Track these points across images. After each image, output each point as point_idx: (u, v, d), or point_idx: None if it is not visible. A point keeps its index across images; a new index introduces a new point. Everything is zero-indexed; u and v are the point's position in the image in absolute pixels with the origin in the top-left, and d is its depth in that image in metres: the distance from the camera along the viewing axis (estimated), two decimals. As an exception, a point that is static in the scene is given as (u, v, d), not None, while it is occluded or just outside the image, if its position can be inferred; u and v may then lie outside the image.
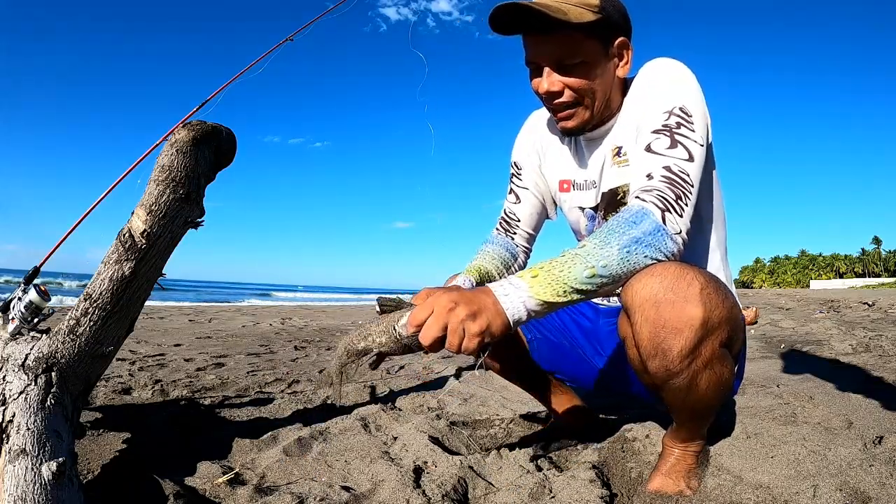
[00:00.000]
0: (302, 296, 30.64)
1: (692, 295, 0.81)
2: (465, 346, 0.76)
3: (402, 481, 1.04)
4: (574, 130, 1.06)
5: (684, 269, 0.83)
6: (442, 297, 0.78)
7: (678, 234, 0.83)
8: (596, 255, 0.79)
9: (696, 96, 0.95)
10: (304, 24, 1.72)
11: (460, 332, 0.76)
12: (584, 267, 0.78)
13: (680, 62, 1.00)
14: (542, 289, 0.78)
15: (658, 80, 0.99)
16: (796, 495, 0.98)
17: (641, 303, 0.83)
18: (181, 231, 1.13)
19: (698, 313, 0.81)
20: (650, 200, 0.84)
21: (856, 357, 2.49)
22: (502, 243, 1.27)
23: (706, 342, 0.83)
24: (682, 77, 0.97)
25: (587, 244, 0.81)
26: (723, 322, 0.84)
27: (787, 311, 6.04)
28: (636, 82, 1.04)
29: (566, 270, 0.78)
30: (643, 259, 0.81)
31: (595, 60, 0.98)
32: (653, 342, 0.84)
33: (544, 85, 1.00)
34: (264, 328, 5.20)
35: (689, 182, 0.87)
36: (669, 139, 0.91)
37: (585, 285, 0.78)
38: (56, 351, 1.05)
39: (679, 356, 0.83)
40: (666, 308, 0.81)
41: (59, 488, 0.79)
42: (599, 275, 0.79)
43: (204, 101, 1.50)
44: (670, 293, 0.81)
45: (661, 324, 0.82)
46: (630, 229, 0.81)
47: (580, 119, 1.04)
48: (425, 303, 0.78)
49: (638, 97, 1.02)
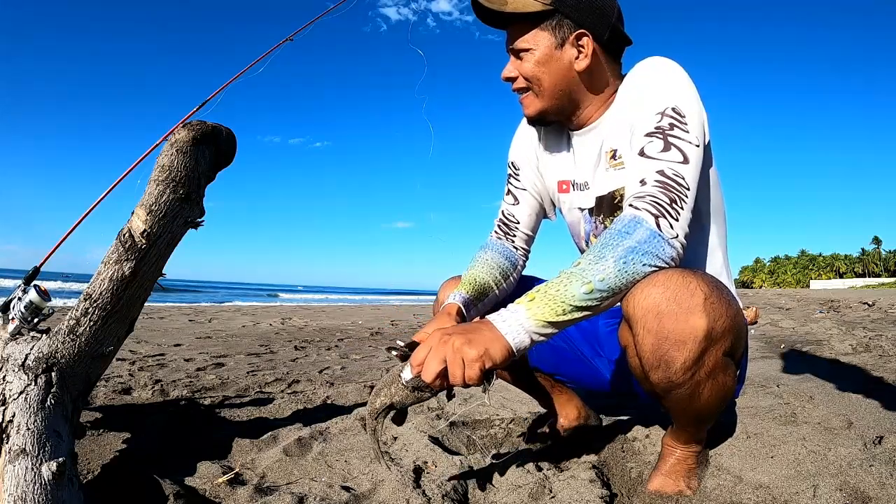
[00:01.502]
0: (307, 297, 30.58)
1: (695, 305, 0.79)
2: (468, 374, 0.76)
3: (402, 481, 1.03)
4: (533, 119, 1.09)
5: (687, 278, 0.81)
6: (437, 332, 0.80)
7: (675, 238, 0.82)
8: (592, 271, 0.78)
9: (689, 95, 0.93)
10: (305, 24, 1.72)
11: (459, 361, 0.76)
12: (581, 283, 0.77)
13: (672, 60, 0.98)
14: (540, 310, 0.77)
15: (649, 80, 0.97)
16: (796, 495, 0.98)
17: (644, 314, 0.81)
18: (181, 231, 1.13)
19: (702, 324, 0.79)
20: (643, 207, 0.83)
21: (856, 357, 2.49)
22: (500, 250, 1.22)
23: (709, 353, 0.82)
24: (673, 76, 0.95)
25: (582, 261, 0.80)
26: (726, 332, 0.82)
27: (787, 311, 6.04)
28: (626, 82, 1.03)
29: (563, 289, 0.77)
30: (642, 268, 0.80)
31: (541, 49, 1.01)
32: (655, 354, 0.82)
33: (503, 72, 1.06)
34: (264, 328, 5.20)
35: (684, 185, 0.86)
36: (663, 142, 0.89)
37: (585, 301, 0.77)
38: (56, 351, 1.05)
39: (682, 368, 0.82)
40: (669, 319, 0.79)
41: (59, 488, 0.79)
42: (598, 289, 0.78)
43: (204, 101, 1.50)
44: (673, 304, 0.79)
45: (663, 335, 0.80)
46: (623, 240, 0.80)
47: (534, 107, 1.06)
48: (423, 342, 0.80)
49: (629, 98, 1.01)
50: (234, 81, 1.56)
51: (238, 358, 3.07)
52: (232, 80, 1.56)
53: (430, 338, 0.80)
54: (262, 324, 5.69)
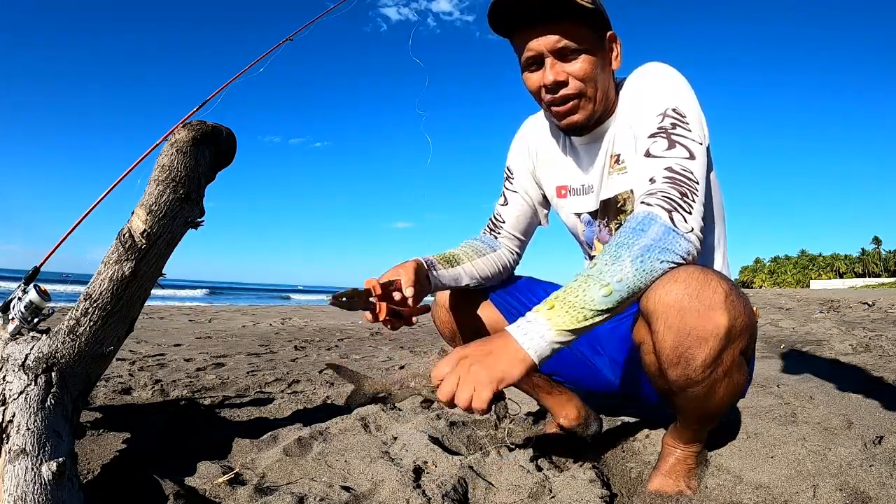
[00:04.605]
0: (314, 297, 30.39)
1: (717, 302, 0.78)
2: (476, 402, 0.74)
3: (402, 481, 1.03)
4: (580, 124, 1.03)
5: (708, 275, 0.80)
6: (457, 351, 0.78)
7: (690, 231, 0.81)
8: (609, 272, 0.76)
9: (688, 97, 0.94)
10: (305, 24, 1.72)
11: (469, 387, 0.74)
12: (600, 286, 0.75)
13: (670, 66, 0.99)
14: (561, 319, 0.74)
15: (648, 84, 0.99)
16: (796, 495, 0.98)
17: (665, 309, 0.80)
18: (181, 231, 1.13)
19: (724, 322, 0.78)
20: (655, 203, 0.82)
21: (856, 357, 2.49)
22: (480, 238, 1.27)
23: (728, 351, 0.81)
24: (670, 79, 0.97)
25: (598, 262, 0.79)
26: (745, 330, 0.82)
27: (787, 311, 6.04)
28: (627, 88, 1.04)
29: (582, 294, 0.75)
30: (659, 265, 0.78)
31: (595, 50, 0.98)
32: (676, 350, 0.82)
33: (549, 76, 0.97)
34: (264, 328, 5.20)
35: (693, 179, 0.85)
36: (667, 141, 0.89)
37: (606, 304, 0.75)
38: (56, 351, 1.05)
39: (702, 365, 0.81)
40: (691, 316, 0.79)
41: (59, 488, 0.79)
42: (617, 291, 0.76)
43: (204, 101, 1.50)
44: (695, 301, 0.78)
45: (685, 332, 0.80)
46: (639, 238, 0.79)
47: (586, 112, 1.01)
48: (445, 359, 0.78)
49: (630, 103, 1.01)
50: (234, 81, 1.56)
51: (238, 358, 3.07)
52: (232, 80, 1.56)
53: (450, 356, 0.78)
54: (262, 324, 5.69)
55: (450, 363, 0.77)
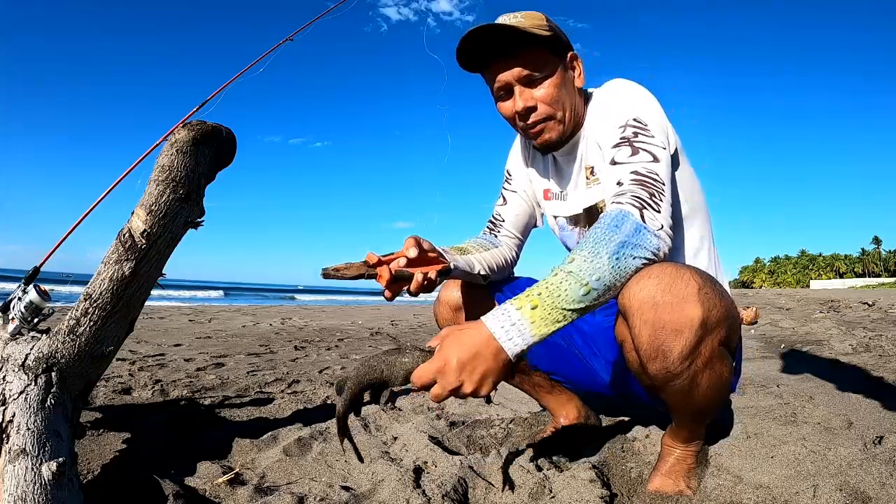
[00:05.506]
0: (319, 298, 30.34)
1: (690, 294, 0.81)
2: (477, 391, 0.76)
3: (402, 481, 1.04)
4: (554, 142, 1.10)
5: (680, 270, 0.83)
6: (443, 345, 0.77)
7: (660, 229, 0.84)
8: (588, 270, 0.78)
9: (650, 108, 1.00)
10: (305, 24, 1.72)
11: (447, 387, 0.75)
12: (579, 285, 0.77)
13: (634, 82, 1.06)
14: (542, 321, 0.76)
15: (610, 100, 1.05)
16: (796, 495, 0.98)
17: (640, 305, 0.82)
18: (181, 231, 1.13)
19: (697, 313, 0.81)
20: (626, 202, 0.85)
21: (856, 357, 2.49)
22: (483, 237, 1.31)
23: (706, 342, 0.84)
24: (632, 94, 1.03)
25: (576, 258, 0.80)
26: (721, 320, 0.84)
27: (787, 311, 6.04)
28: (593, 104, 1.10)
29: (562, 293, 0.77)
30: (633, 262, 0.81)
31: (557, 72, 1.04)
32: (653, 345, 0.84)
33: (519, 103, 1.04)
34: (264, 328, 5.20)
35: (659, 180, 0.89)
36: (630, 148, 0.94)
37: (583, 303, 0.78)
38: (56, 351, 1.05)
39: (680, 357, 0.83)
40: (665, 309, 0.81)
41: (59, 488, 0.79)
42: (594, 289, 0.78)
43: (204, 101, 1.50)
44: (668, 294, 0.81)
45: (660, 325, 0.82)
46: (614, 234, 0.81)
47: (557, 131, 1.08)
48: (438, 343, 0.78)
49: (595, 120, 1.08)
50: (234, 81, 1.56)
51: (238, 358, 3.07)
52: (232, 80, 1.56)
53: (433, 361, 0.77)
54: (262, 324, 5.69)
55: (434, 370, 0.76)
